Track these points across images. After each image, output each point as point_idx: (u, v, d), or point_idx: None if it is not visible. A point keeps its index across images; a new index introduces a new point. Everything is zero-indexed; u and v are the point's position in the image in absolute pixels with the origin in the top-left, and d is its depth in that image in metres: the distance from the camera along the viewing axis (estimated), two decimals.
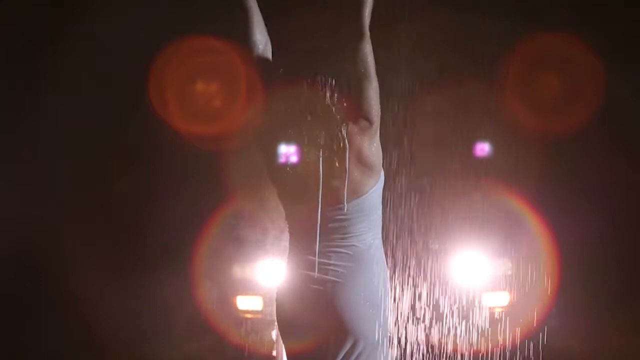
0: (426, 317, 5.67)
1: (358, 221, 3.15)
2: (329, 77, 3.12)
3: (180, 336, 6.30)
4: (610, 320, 6.34)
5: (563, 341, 5.98)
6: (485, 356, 5.71)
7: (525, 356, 5.57)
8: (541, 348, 5.54)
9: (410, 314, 5.64)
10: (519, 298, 5.97)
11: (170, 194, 6.73)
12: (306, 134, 3.13)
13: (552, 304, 5.90)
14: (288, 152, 3.19)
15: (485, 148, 6.62)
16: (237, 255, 6.17)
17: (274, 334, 5.77)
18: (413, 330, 5.62)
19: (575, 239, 6.30)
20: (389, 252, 5.41)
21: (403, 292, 5.64)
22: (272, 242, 6.01)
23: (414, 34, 5.82)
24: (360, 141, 3.12)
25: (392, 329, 5.51)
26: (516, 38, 6.31)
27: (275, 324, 3.37)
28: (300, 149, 3.15)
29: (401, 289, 5.64)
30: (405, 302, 5.65)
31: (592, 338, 6.24)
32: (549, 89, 6.88)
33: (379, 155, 3.17)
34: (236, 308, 6.11)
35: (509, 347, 5.71)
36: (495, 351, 5.73)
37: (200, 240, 6.30)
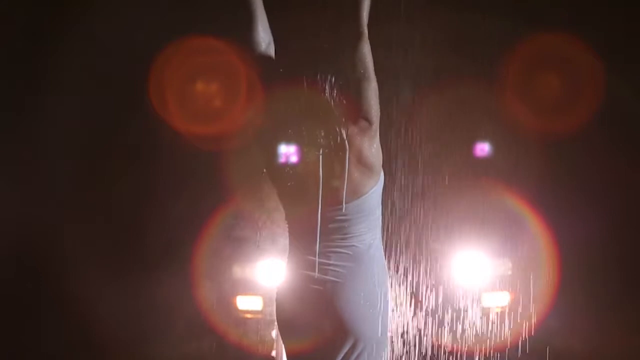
0: (426, 317, 5.67)
1: (358, 221, 3.15)
2: (328, 77, 3.12)
3: (180, 336, 6.29)
4: (611, 320, 6.34)
5: (563, 341, 5.98)
6: (485, 356, 5.71)
7: (525, 356, 5.57)
8: (541, 348, 5.55)
9: (410, 314, 5.64)
10: (519, 298, 5.96)
11: (170, 194, 6.72)
12: (306, 134, 3.12)
13: (552, 304, 5.90)
14: (288, 152, 3.18)
15: (485, 148, 6.62)
16: (237, 255, 6.17)
17: (274, 333, 5.77)
18: (413, 330, 5.62)
19: (575, 239, 6.29)
20: (388, 252, 5.41)
21: (403, 292, 5.64)
22: (272, 242, 6.01)
23: (414, 34, 5.82)
24: (360, 142, 3.12)
25: (392, 328, 5.51)
26: (516, 38, 6.30)
27: (275, 324, 3.37)
28: (300, 149, 3.15)
29: (401, 289, 5.64)
30: (405, 302, 5.65)
31: (593, 338, 6.23)
32: (549, 89, 6.88)
33: (378, 156, 3.17)
34: (236, 308, 6.11)
35: (508, 347, 5.71)
36: (495, 351, 5.73)
37: (200, 240, 6.30)
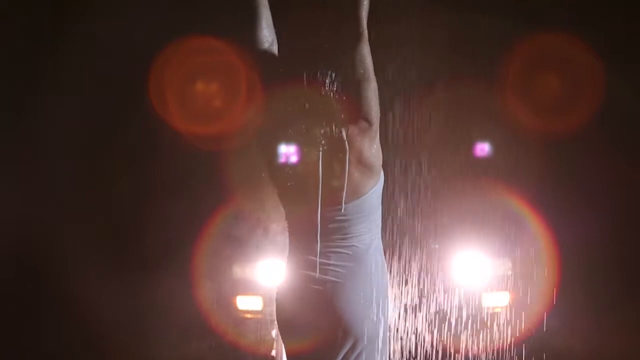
0: (426, 317, 5.67)
1: (358, 222, 3.15)
2: (329, 77, 3.12)
3: (180, 336, 6.29)
4: (611, 320, 6.34)
5: (563, 341, 5.98)
6: (485, 356, 5.71)
7: (525, 356, 5.57)
8: (541, 348, 5.54)
9: (410, 314, 5.64)
10: (519, 298, 5.96)
11: (170, 194, 6.72)
12: (306, 134, 3.12)
13: (552, 304, 5.89)
14: (288, 152, 3.18)
15: (485, 148, 6.62)
16: (237, 255, 6.17)
17: (274, 333, 5.77)
18: (413, 330, 5.62)
19: (575, 239, 6.29)
20: (388, 253, 5.41)
21: (403, 292, 5.64)
22: (272, 242, 6.01)
23: (414, 34, 5.82)
24: (360, 142, 3.12)
25: (392, 328, 5.51)
26: (516, 38, 6.30)
27: (275, 324, 3.36)
28: (300, 149, 3.14)
29: (401, 289, 5.64)
30: (405, 302, 5.64)
31: (593, 338, 6.23)
32: (549, 89, 6.88)
33: (379, 156, 3.17)
34: (236, 308, 6.11)
35: (509, 347, 5.71)
36: (496, 351, 5.73)
37: (200, 240, 6.30)
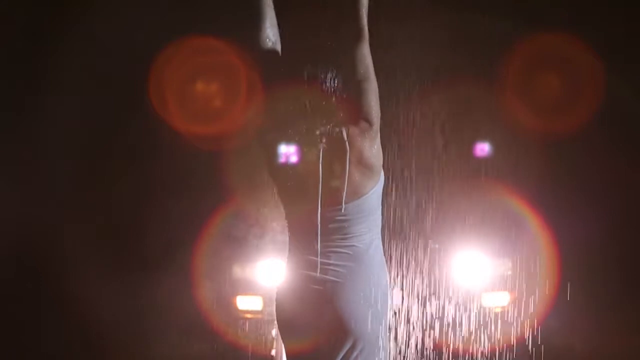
0: (426, 317, 5.67)
1: (358, 222, 3.15)
2: (329, 77, 3.12)
3: (180, 336, 6.29)
4: (611, 320, 6.34)
5: (563, 341, 5.98)
6: (485, 356, 5.71)
7: (525, 356, 5.57)
8: (542, 348, 5.54)
9: (410, 314, 5.64)
10: (519, 298, 5.96)
11: (170, 194, 6.72)
12: (307, 134, 3.12)
13: (552, 304, 5.89)
14: (288, 152, 3.18)
15: (485, 148, 6.62)
16: (237, 255, 6.16)
17: (274, 333, 5.77)
18: (413, 330, 5.62)
19: (575, 239, 6.29)
20: (388, 252, 5.41)
21: (403, 292, 5.64)
22: (272, 242, 6.01)
23: (413, 34, 5.82)
24: (360, 142, 3.12)
25: (392, 328, 5.51)
26: (516, 38, 6.31)
27: (275, 323, 3.36)
28: (301, 149, 3.14)
29: (401, 289, 5.64)
30: (405, 302, 5.64)
31: (593, 338, 6.24)
32: (549, 89, 6.88)
33: (379, 157, 3.17)
34: (236, 308, 6.11)
35: (509, 347, 5.71)
36: (496, 351, 5.73)
37: (200, 240, 6.30)
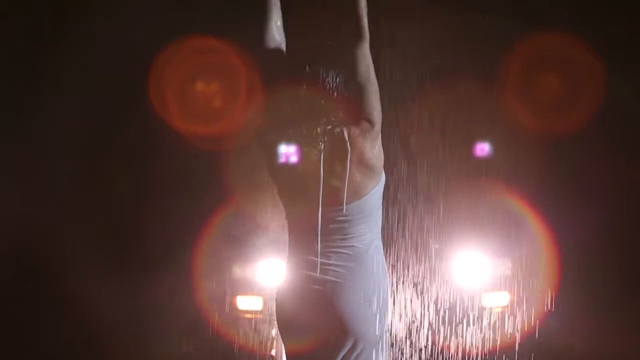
0: (426, 317, 5.67)
1: (358, 222, 3.15)
2: (330, 77, 3.12)
3: (180, 336, 6.29)
4: (611, 320, 6.34)
5: (563, 341, 5.98)
6: (485, 356, 5.71)
7: (525, 356, 5.57)
8: (541, 348, 5.54)
9: (410, 314, 5.64)
10: (519, 298, 5.96)
11: (170, 194, 6.72)
12: (308, 134, 3.12)
13: (552, 304, 5.89)
14: (289, 152, 3.18)
15: (485, 148, 6.62)
16: (237, 255, 6.17)
17: (274, 332, 5.77)
18: (413, 330, 5.62)
19: (575, 239, 6.29)
20: (388, 253, 5.41)
21: (403, 292, 5.64)
22: (272, 242, 6.01)
23: (413, 34, 5.82)
24: (362, 143, 3.12)
25: (392, 328, 5.51)
26: (516, 38, 6.30)
27: (275, 323, 3.36)
28: (302, 149, 3.14)
29: (401, 289, 5.64)
30: (405, 302, 5.64)
31: (593, 338, 6.23)
32: (549, 89, 6.88)
33: (380, 157, 3.17)
34: (236, 308, 6.11)
35: (509, 347, 5.71)
36: (496, 351, 5.73)
37: (200, 240, 6.30)
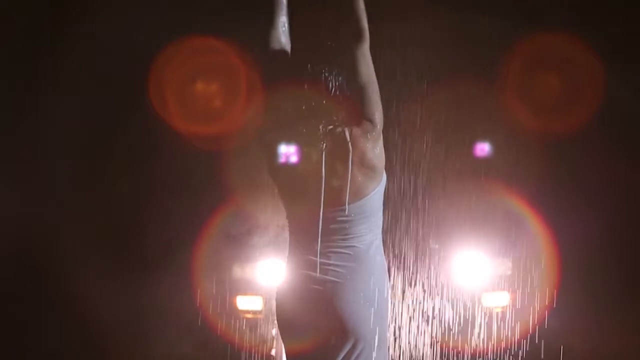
0: (426, 317, 5.67)
1: (359, 222, 3.15)
2: (331, 78, 3.12)
3: (180, 336, 6.29)
4: (611, 320, 6.34)
5: (563, 341, 5.98)
6: (485, 356, 5.71)
7: (525, 356, 5.57)
8: (542, 348, 5.54)
9: (410, 314, 5.64)
10: (519, 298, 5.96)
11: (170, 194, 6.72)
12: (309, 134, 3.12)
13: (552, 304, 5.90)
14: (290, 152, 3.18)
15: (485, 148, 6.62)
16: (237, 255, 6.17)
17: (274, 332, 5.77)
18: (413, 330, 5.62)
19: (575, 239, 6.29)
20: (388, 253, 5.41)
21: (403, 292, 5.64)
22: (272, 242, 6.01)
23: (413, 34, 5.82)
24: (363, 144, 3.12)
25: (392, 329, 5.51)
26: (516, 38, 6.31)
27: (275, 323, 3.37)
28: (304, 150, 3.14)
29: (401, 289, 5.64)
30: (405, 302, 5.64)
31: (593, 338, 6.23)
32: (549, 89, 6.88)
33: (382, 158, 3.17)
34: (236, 308, 6.11)
35: (509, 347, 5.71)
36: (496, 351, 5.73)
37: (200, 240, 6.30)
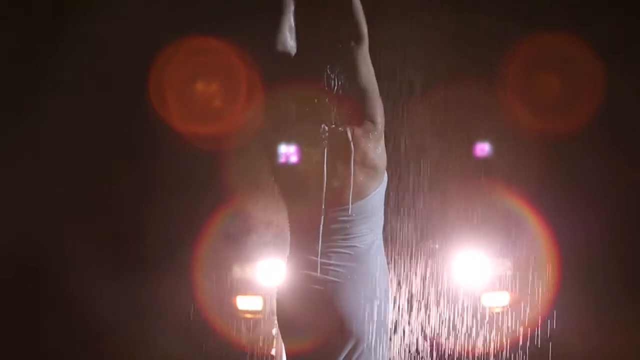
0: (426, 317, 5.67)
1: (360, 222, 3.15)
2: (333, 77, 3.12)
3: (180, 336, 6.29)
4: (611, 320, 6.34)
5: (564, 341, 5.97)
6: (485, 356, 5.71)
7: (525, 356, 5.57)
8: (542, 348, 5.54)
9: (410, 314, 5.64)
10: (519, 298, 5.96)
11: (170, 194, 6.72)
12: (311, 134, 3.12)
13: (552, 304, 5.90)
14: (290, 152, 3.18)
15: (485, 148, 6.62)
16: (237, 255, 6.17)
17: (274, 331, 5.77)
18: (413, 330, 5.61)
19: (575, 239, 6.29)
20: (389, 253, 5.41)
21: (403, 292, 5.64)
22: (272, 242, 6.01)
23: (414, 34, 5.82)
24: (365, 144, 3.12)
25: (392, 328, 5.50)
26: (516, 38, 6.30)
27: (276, 323, 3.36)
28: (305, 149, 3.14)
29: (401, 289, 5.64)
30: (406, 302, 5.64)
31: (593, 338, 6.23)
32: (549, 89, 6.88)
33: (383, 158, 3.17)
34: (236, 308, 6.11)
35: (509, 347, 5.70)
36: (496, 351, 5.72)
37: (200, 240, 6.30)
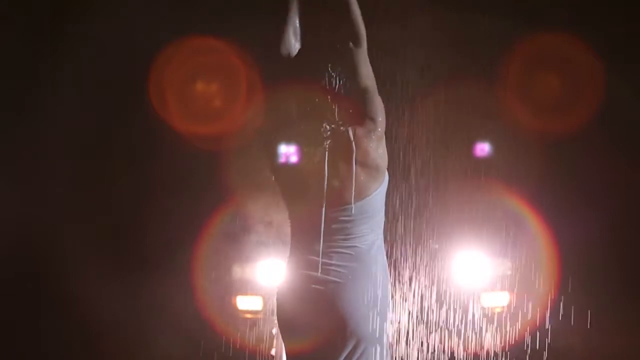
0: (426, 317, 5.67)
1: (361, 222, 3.15)
2: (334, 77, 3.12)
3: (180, 336, 6.29)
4: (611, 320, 6.34)
5: (564, 341, 5.98)
6: (485, 356, 5.71)
7: (525, 356, 5.57)
8: (541, 348, 5.54)
9: (410, 314, 5.64)
10: (519, 298, 5.96)
11: (171, 193, 6.72)
12: (312, 134, 3.12)
13: (552, 304, 5.90)
14: (291, 152, 3.18)
15: (485, 148, 6.62)
16: (237, 255, 6.17)
17: (274, 331, 5.77)
18: (414, 331, 5.61)
19: (575, 239, 6.29)
20: (389, 253, 5.41)
21: (403, 293, 5.64)
22: (272, 242, 6.01)
23: (413, 34, 5.82)
24: (367, 144, 3.12)
25: (393, 329, 5.51)
26: (516, 38, 6.30)
27: (276, 323, 3.36)
28: (306, 149, 3.14)
29: (401, 290, 5.64)
30: (406, 302, 5.64)
31: (593, 338, 6.23)
32: (549, 89, 6.88)
33: (384, 158, 3.17)
34: (236, 308, 6.11)
35: (509, 348, 5.71)
36: (496, 351, 5.73)
37: (200, 240, 6.30)
